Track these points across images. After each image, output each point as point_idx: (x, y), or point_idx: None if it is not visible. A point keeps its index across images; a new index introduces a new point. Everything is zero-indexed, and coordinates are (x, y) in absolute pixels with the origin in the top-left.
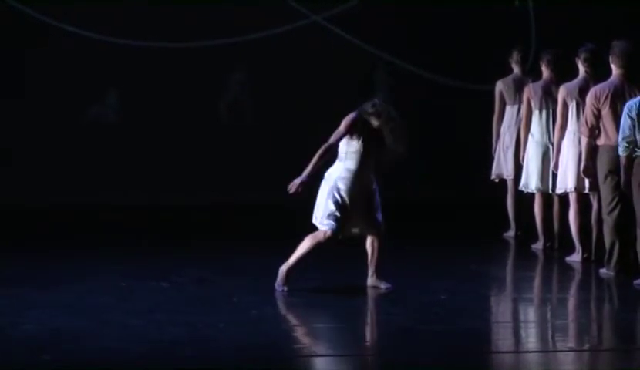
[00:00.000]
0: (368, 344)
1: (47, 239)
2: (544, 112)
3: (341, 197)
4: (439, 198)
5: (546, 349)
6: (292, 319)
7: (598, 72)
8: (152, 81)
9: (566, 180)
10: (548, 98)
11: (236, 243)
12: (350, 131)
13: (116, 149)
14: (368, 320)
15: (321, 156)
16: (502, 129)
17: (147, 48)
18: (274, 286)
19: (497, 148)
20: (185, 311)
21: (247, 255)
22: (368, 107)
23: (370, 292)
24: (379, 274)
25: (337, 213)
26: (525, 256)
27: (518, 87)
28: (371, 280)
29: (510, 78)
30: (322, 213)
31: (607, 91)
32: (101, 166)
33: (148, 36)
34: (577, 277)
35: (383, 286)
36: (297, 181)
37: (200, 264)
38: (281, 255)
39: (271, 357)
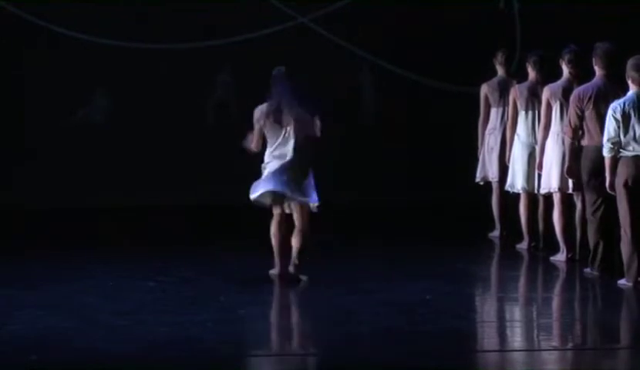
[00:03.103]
0: (354, 344)
1: (34, 240)
2: (529, 113)
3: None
4: (424, 199)
5: (530, 348)
6: (279, 319)
7: (582, 73)
8: (140, 82)
9: (550, 180)
10: (534, 99)
11: (222, 244)
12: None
13: (103, 150)
14: (355, 320)
15: None
16: (487, 131)
17: (135, 50)
18: (261, 285)
19: (482, 150)
20: (173, 310)
21: (234, 255)
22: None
23: (358, 293)
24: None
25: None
26: (510, 256)
27: (503, 90)
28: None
29: (494, 80)
30: None
31: (590, 92)
32: (88, 167)
33: (136, 37)
34: (562, 276)
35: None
36: None
37: (187, 264)
38: (269, 256)
39: (259, 356)
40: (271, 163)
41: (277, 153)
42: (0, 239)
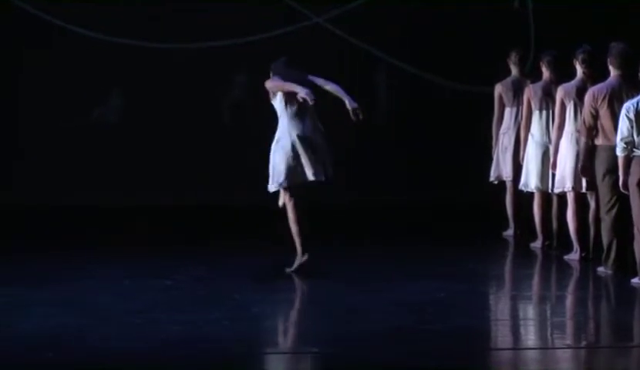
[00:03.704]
0: (365, 342)
1: (48, 238)
2: (544, 113)
3: None
4: (438, 198)
5: (544, 346)
6: (291, 317)
7: (596, 73)
8: (154, 82)
9: (564, 180)
10: (548, 98)
11: (236, 243)
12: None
13: (117, 149)
14: (366, 318)
15: None
16: (501, 131)
17: (149, 49)
18: (274, 284)
19: (496, 150)
20: (186, 309)
21: (247, 254)
22: None
23: (368, 291)
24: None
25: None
26: (524, 254)
27: (517, 89)
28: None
29: (508, 80)
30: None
31: (605, 92)
32: (102, 166)
33: (150, 37)
34: (575, 275)
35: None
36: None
37: (201, 262)
38: (281, 255)
39: (272, 354)
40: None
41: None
42: (13, 237)
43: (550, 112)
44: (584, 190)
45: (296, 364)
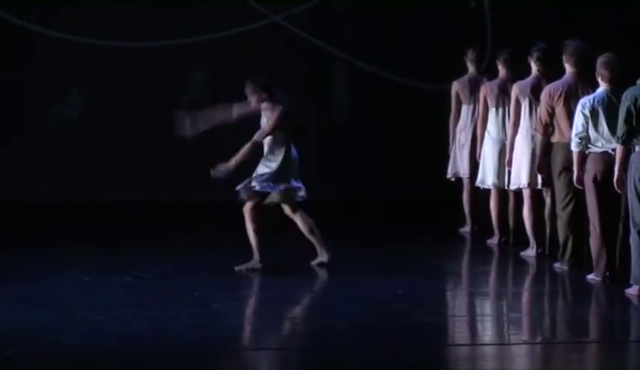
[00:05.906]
0: (324, 339)
1: (10, 235)
2: (500, 110)
3: None
4: (396, 196)
5: (501, 342)
6: (252, 313)
7: (550, 71)
8: (114, 80)
9: (519, 176)
10: (504, 96)
11: (197, 240)
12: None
13: (78, 147)
14: (325, 315)
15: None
16: (457, 128)
17: (110, 48)
18: (235, 281)
19: (453, 147)
20: (148, 305)
21: (209, 251)
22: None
23: (329, 287)
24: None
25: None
26: (481, 251)
27: (473, 87)
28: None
29: (465, 78)
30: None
31: (561, 89)
32: (64, 164)
33: (111, 36)
34: (532, 271)
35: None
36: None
37: (162, 259)
38: (242, 252)
39: (232, 350)
40: None
41: None
42: None
43: (507, 109)
44: (539, 187)
45: (257, 361)
